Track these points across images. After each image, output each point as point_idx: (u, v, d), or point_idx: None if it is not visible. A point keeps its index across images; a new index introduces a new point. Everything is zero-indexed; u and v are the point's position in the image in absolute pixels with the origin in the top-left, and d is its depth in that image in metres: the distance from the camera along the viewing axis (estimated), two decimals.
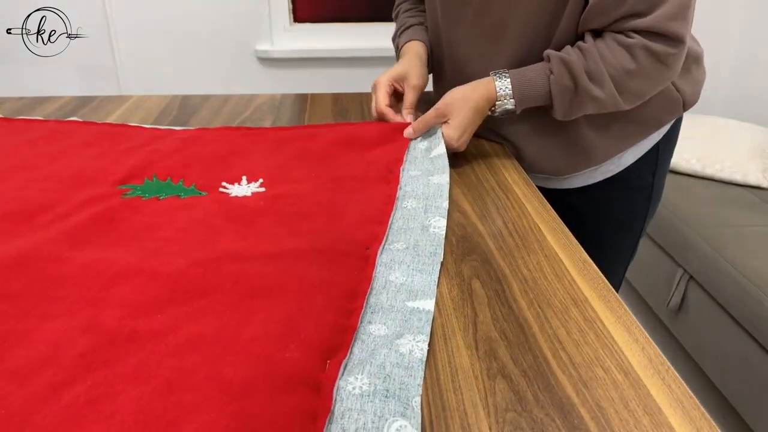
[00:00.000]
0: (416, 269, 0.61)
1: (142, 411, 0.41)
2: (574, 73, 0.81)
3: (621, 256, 1.06)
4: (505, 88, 0.84)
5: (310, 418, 0.42)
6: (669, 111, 0.93)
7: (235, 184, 0.78)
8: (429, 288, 0.58)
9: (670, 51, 0.79)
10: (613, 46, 0.80)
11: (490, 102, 0.85)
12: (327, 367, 0.46)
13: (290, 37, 2.18)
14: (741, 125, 2.13)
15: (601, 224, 1.01)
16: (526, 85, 0.84)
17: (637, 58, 0.79)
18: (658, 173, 1.00)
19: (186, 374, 0.45)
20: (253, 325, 0.50)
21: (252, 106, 1.15)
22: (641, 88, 0.83)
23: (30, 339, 0.48)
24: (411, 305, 0.55)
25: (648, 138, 0.95)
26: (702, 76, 0.95)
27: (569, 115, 0.86)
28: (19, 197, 0.72)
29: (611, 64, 0.80)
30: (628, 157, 0.96)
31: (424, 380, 0.47)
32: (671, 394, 0.46)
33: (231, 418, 0.41)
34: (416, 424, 0.42)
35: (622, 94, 0.82)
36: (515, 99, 0.84)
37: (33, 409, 0.42)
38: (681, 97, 0.92)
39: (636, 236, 1.05)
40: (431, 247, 0.64)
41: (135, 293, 0.54)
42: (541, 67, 0.84)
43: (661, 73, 0.82)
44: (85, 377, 0.45)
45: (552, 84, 0.82)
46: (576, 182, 0.99)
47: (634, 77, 0.81)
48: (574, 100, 0.83)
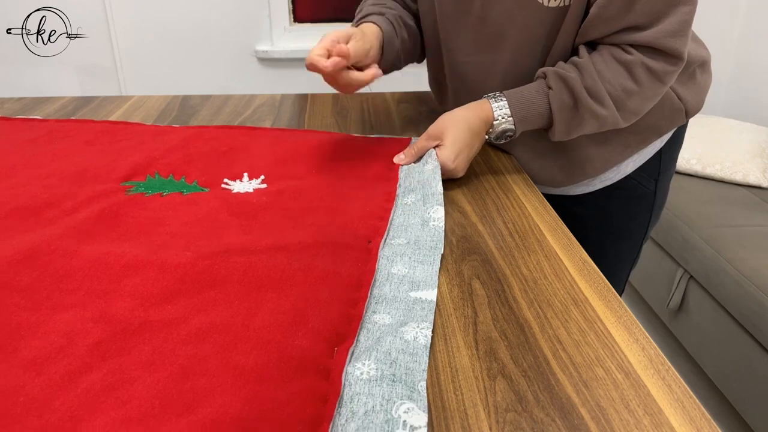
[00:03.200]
0: (417, 261, 0.62)
1: (159, 396, 0.43)
2: (574, 89, 0.78)
3: (623, 263, 1.04)
4: (502, 107, 0.80)
5: (321, 401, 0.43)
6: (670, 120, 0.90)
7: (236, 180, 0.79)
8: (431, 278, 0.59)
9: (668, 69, 0.77)
10: (610, 62, 0.77)
11: (487, 123, 0.81)
12: (335, 354, 0.48)
13: (290, 37, 2.19)
14: (741, 125, 2.13)
15: (602, 232, 0.99)
16: (525, 104, 0.80)
17: (636, 77, 0.77)
18: (661, 180, 0.97)
19: (199, 361, 0.46)
20: (262, 314, 0.52)
21: (252, 106, 1.15)
22: (638, 107, 0.80)
23: (43, 330, 0.49)
24: (414, 295, 0.56)
25: (649, 146, 0.93)
26: (707, 81, 0.92)
27: (568, 134, 0.83)
28: (24, 194, 0.73)
29: (609, 81, 0.77)
30: (629, 165, 0.94)
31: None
32: (671, 394, 0.46)
33: (245, 402, 0.42)
34: (423, 407, 0.43)
35: (620, 111, 0.79)
36: (515, 119, 0.80)
37: (51, 396, 0.43)
38: (683, 106, 0.89)
39: (638, 243, 1.03)
40: (432, 242, 0.66)
41: (145, 285, 0.55)
42: (536, 86, 0.81)
43: (656, 91, 0.80)
44: (100, 365, 0.46)
45: (551, 101, 0.79)
46: (575, 190, 0.97)
47: (632, 96, 0.78)
48: (575, 118, 0.80)
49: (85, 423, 0.40)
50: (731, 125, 2.13)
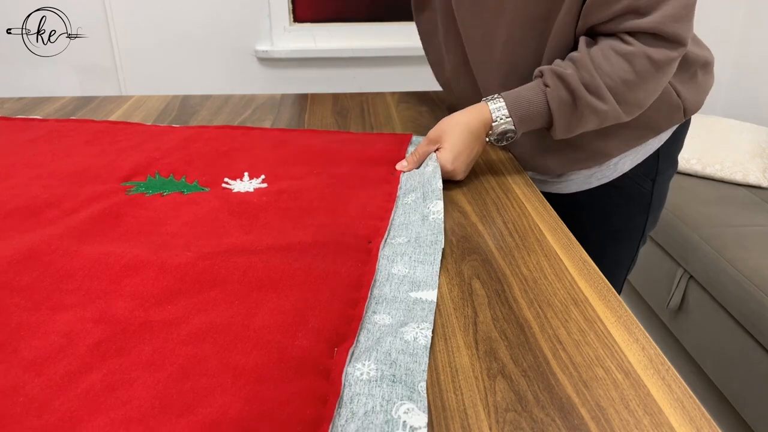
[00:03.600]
0: (418, 260, 0.62)
1: (159, 396, 0.43)
2: (570, 85, 0.77)
3: (620, 264, 1.04)
4: (500, 108, 0.80)
5: (320, 402, 0.43)
6: (668, 116, 0.89)
7: (237, 180, 0.79)
8: (431, 278, 0.59)
9: (671, 55, 0.75)
10: (610, 55, 0.76)
11: (486, 125, 0.81)
12: (335, 354, 0.48)
13: (290, 37, 2.18)
14: (741, 125, 2.13)
15: (598, 232, 0.98)
16: (523, 104, 0.80)
17: (637, 68, 0.75)
18: (659, 181, 0.96)
19: (199, 361, 0.46)
20: (262, 314, 0.52)
21: (252, 106, 1.15)
22: (640, 98, 0.79)
23: (43, 330, 0.49)
24: (414, 296, 0.56)
25: (646, 144, 0.92)
26: (709, 83, 0.91)
27: (570, 132, 0.82)
28: (24, 194, 0.73)
29: (608, 74, 0.76)
30: (625, 163, 0.93)
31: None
32: (671, 393, 0.46)
33: (245, 402, 0.42)
34: (423, 407, 0.43)
35: (621, 104, 0.78)
36: (514, 119, 0.80)
37: (51, 396, 0.43)
38: (682, 104, 0.88)
39: (635, 245, 1.02)
40: (432, 236, 0.66)
41: (145, 285, 0.55)
42: (533, 85, 0.81)
43: (658, 80, 0.78)
44: (100, 365, 0.46)
45: (549, 98, 0.79)
46: (571, 187, 0.97)
47: (633, 87, 0.77)
48: (574, 114, 0.79)
49: (84, 423, 0.40)
50: (731, 125, 2.13)
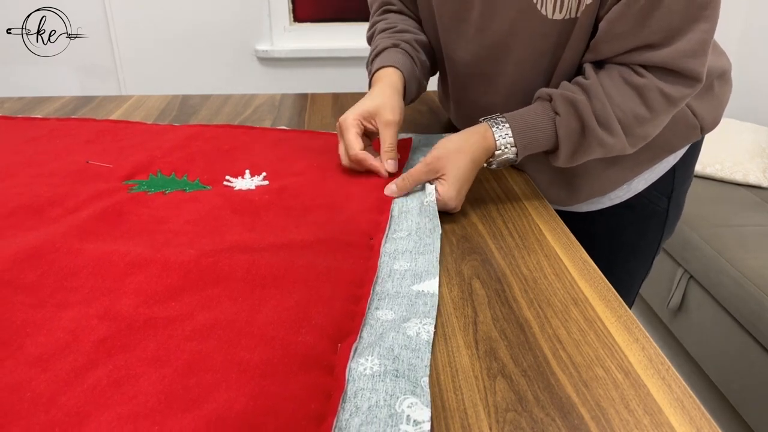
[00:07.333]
0: (419, 252, 0.63)
1: (164, 391, 0.43)
2: (583, 115, 0.72)
3: (633, 278, 1.00)
4: (504, 136, 0.74)
5: (325, 396, 0.44)
6: (684, 137, 0.85)
7: (238, 177, 0.79)
8: (432, 267, 0.60)
9: (685, 92, 0.70)
10: (621, 85, 0.71)
11: (488, 152, 0.74)
12: (338, 350, 0.48)
13: (290, 37, 2.19)
14: (741, 125, 2.13)
15: (611, 248, 0.94)
16: (529, 131, 0.74)
17: (649, 103, 0.70)
18: (675, 197, 0.91)
19: (204, 357, 0.46)
20: (265, 311, 0.52)
21: (252, 106, 1.15)
22: (649, 133, 0.74)
23: (48, 327, 0.50)
24: (416, 288, 0.57)
25: (662, 162, 0.87)
26: (726, 93, 0.86)
27: (572, 161, 0.76)
28: (27, 192, 0.73)
29: (619, 106, 0.71)
30: (640, 183, 0.89)
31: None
32: (671, 393, 0.46)
33: (250, 397, 0.42)
34: (426, 402, 0.43)
35: (628, 137, 0.73)
36: (518, 147, 0.74)
37: (58, 392, 0.43)
38: (699, 123, 0.84)
39: (650, 258, 0.98)
40: (430, 223, 0.66)
41: (149, 282, 0.56)
42: (541, 110, 0.74)
43: (669, 114, 0.73)
44: (105, 361, 0.46)
45: (558, 127, 0.73)
46: (582, 208, 0.93)
47: (643, 122, 0.72)
48: (582, 145, 0.74)
49: (91, 418, 0.41)
50: (731, 125, 2.13)
